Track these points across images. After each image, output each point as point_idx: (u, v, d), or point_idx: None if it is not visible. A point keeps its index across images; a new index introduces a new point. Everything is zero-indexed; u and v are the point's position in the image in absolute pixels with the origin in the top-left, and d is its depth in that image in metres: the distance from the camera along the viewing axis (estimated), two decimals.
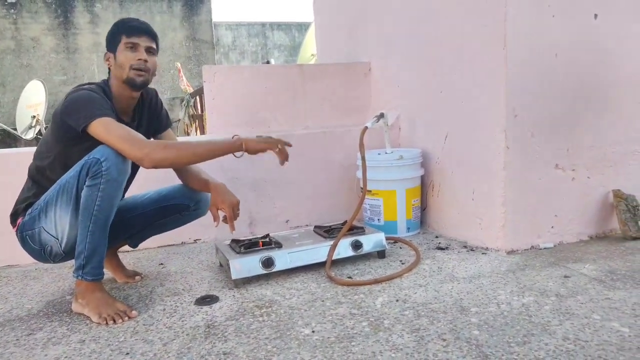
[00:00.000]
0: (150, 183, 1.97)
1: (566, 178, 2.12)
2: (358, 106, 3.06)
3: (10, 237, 1.72)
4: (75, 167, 1.55)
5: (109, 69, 1.70)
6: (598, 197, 2.19)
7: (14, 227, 1.70)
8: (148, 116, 1.82)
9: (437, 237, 2.40)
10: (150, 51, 1.67)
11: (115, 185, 1.53)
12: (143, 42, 1.65)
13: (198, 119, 5.37)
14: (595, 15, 2.07)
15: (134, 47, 1.64)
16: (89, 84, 1.68)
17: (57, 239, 1.61)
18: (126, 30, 1.64)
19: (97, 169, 1.50)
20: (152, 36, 1.69)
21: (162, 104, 1.89)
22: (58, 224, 1.59)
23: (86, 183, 1.52)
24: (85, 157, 1.53)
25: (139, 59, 1.64)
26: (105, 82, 1.71)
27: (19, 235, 1.67)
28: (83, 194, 1.53)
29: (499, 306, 1.52)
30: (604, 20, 2.08)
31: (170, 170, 1.89)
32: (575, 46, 2.05)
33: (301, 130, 2.81)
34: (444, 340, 1.32)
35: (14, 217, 1.71)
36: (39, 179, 1.69)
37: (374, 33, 3.00)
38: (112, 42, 1.67)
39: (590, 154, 2.15)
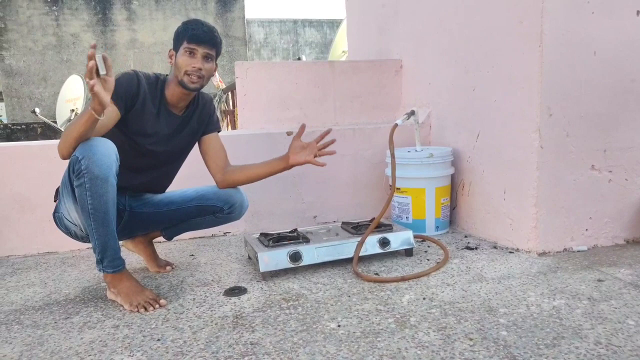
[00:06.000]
0: (193, 180, 2.02)
1: (602, 179, 2.06)
2: (388, 103, 3.05)
3: (48, 225, 1.79)
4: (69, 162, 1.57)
5: (171, 65, 1.76)
6: (636, 200, 2.12)
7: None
8: (199, 116, 1.87)
9: (466, 236, 2.38)
10: (207, 58, 1.71)
11: (100, 182, 1.49)
12: (202, 48, 1.68)
13: (230, 115, 5.44)
14: (638, 12, 2.00)
15: (192, 53, 1.68)
16: (153, 73, 1.77)
17: (76, 225, 1.67)
18: (189, 37, 1.68)
19: (78, 168, 1.49)
20: (213, 44, 1.71)
21: (214, 109, 1.95)
22: (71, 212, 1.65)
23: (74, 183, 1.53)
24: (73, 153, 1.52)
25: (194, 67, 1.68)
26: (165, 76, 1.79)
27: (53, 217, 1.74)
28: (76, 193, 1.54)
29: (529, 308, 1.49)
30: None
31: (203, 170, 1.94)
32: (615, 44, 1.99)
33: (331, 127, 2.81)
34: (471, 339, 1.31)
35: (56, 196, 1.77)
36: None
37: (405, 30, 2.98)
38: (176, 42, 1.73)
39: (628, 156, 2.08)
